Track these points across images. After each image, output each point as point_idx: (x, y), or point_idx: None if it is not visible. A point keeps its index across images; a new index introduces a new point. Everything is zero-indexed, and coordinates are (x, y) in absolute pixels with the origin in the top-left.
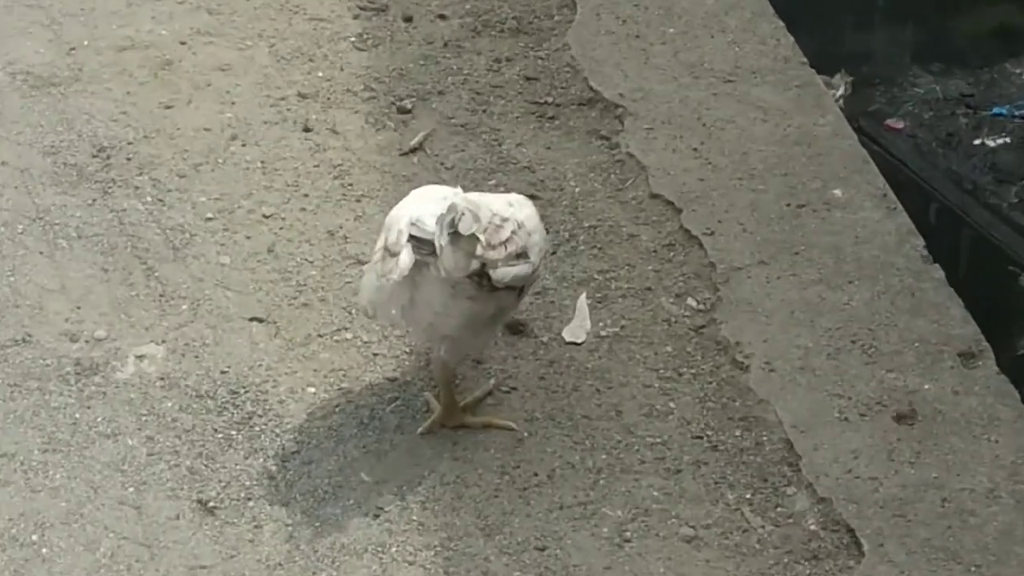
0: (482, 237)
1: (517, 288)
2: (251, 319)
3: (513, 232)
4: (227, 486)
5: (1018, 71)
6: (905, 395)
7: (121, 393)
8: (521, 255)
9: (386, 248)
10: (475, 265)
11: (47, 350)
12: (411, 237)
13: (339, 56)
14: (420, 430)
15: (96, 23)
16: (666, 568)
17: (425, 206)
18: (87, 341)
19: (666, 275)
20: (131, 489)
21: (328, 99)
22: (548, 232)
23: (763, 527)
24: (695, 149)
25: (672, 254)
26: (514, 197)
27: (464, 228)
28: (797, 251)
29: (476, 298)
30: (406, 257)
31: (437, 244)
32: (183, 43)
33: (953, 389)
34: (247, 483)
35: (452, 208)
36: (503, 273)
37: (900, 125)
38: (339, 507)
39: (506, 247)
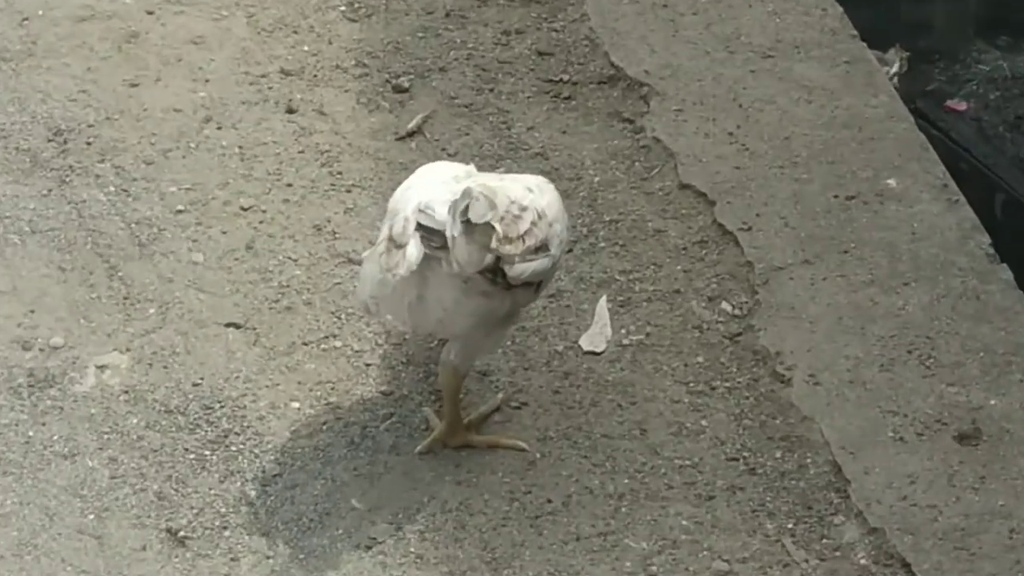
0: (498, 227)
1: (535, 284)
2: (227, 325)
3: (533, 223)
4: (200, 513)
5: None
6: (968, 412)
7: (80, 408)
8: (541, 248)
9: (391, 238)
10: (489, 259)
11: None
12: (419, 226)
13: (327, 28)
14: (418, 449)
15: None
16: None
17: (435, 189)
18: (41, 349)
19: (697, 276)
20: (91, 516)
21: (314, 76)
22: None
23: (807, 561)
24: (730, 133)
25: (704, 252)
26: (534, 180)
27: (477, 216)
28: (846, 249)
29: (490, 295)
30: (414, 250)
31: (448, 235)
32: (150, 13)
33: (1023, 405)
34: (222, 510)
35: (466, 194)
36: (521, 269)
37: (962, 106)
38: (327, 537)
39: (524, 240)
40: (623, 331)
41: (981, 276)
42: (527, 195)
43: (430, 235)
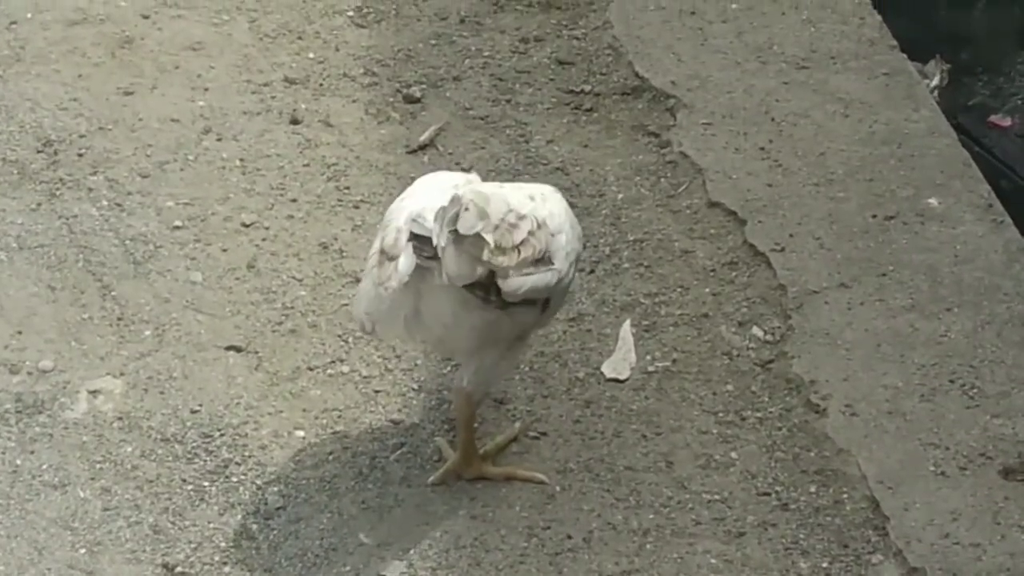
0: (489, 237)
1: (539, 301)
2: (227, 348)
3: (530, 233)
4: (198, 548)
5: None
6: (1014, 445)
7: (71, 435)
8: (542, 260)
9: (383, 251)
10: (482, 272)
11: None
12: (412, 236)
13: (334, 34)
14: (431, 481)
15: None
16: None
17: (430, 198)
18: (30, 373)
19: (726, 299)
20: (83, 551)
21: (320, 85)
22: (585, 241)
23: None
24: (762, 148)
25: (734, 274)
26: (538, 188)
27: (464, 227)
28: (884, 272)
29: (488, 311)
30: (406, 261)
31: (436, 243)
32: (146, 17)
33: None
34: (222, 544)
35: (455, 200)
36: (517, 283)
37: (1007, 122)
38: (333, 574)
39: (520, 252)
40: (648, 357)
41: None
42: (526, 203)
43: (423, 244)
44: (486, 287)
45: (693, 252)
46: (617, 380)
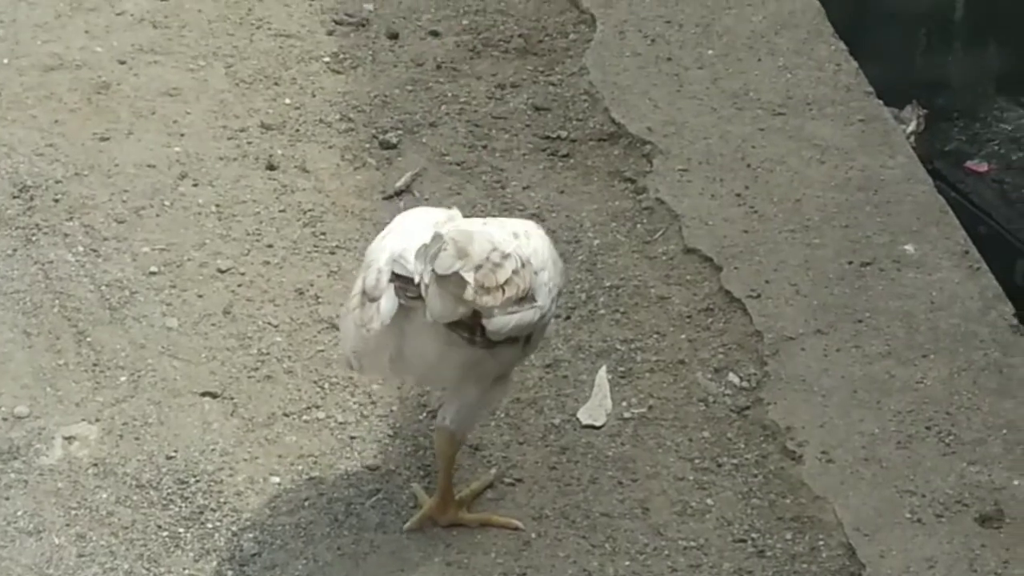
0: (469, 277)
1: (520, 338)
2: (203, 394)
3: (515, 272)
4: None
5: None
6: (990, 492)
7: (46, 482)
8: (525, 299)
9: (364, 292)
10: (464, 311)
11: None
12: (394, 276)
13: (310, 80)
14: (407, 526)
15: (18, 37)
16: None
17: (412, 237)
18: (5, 419)
19: (703, 346)
20: None
21: (297, 131)
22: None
23: None
24: (738, 195)
25: (710, 321)
26: (521, 225)
27: (443, 267)
28: (860, 318)
29: (473, 349)
30: (387, 303)
31: (419, 282)
32: (122, 62)
33: None
34: None
35: (436, 239)
36: (501, 323)
37: (983, 167)
38: None
39: (504, 291)
40: (624, 404)
41: (1004, 348)
42: (510, 241)
43: (405, 285)
44: (471, 327)
45: (669, 298)
46: (593, 426)
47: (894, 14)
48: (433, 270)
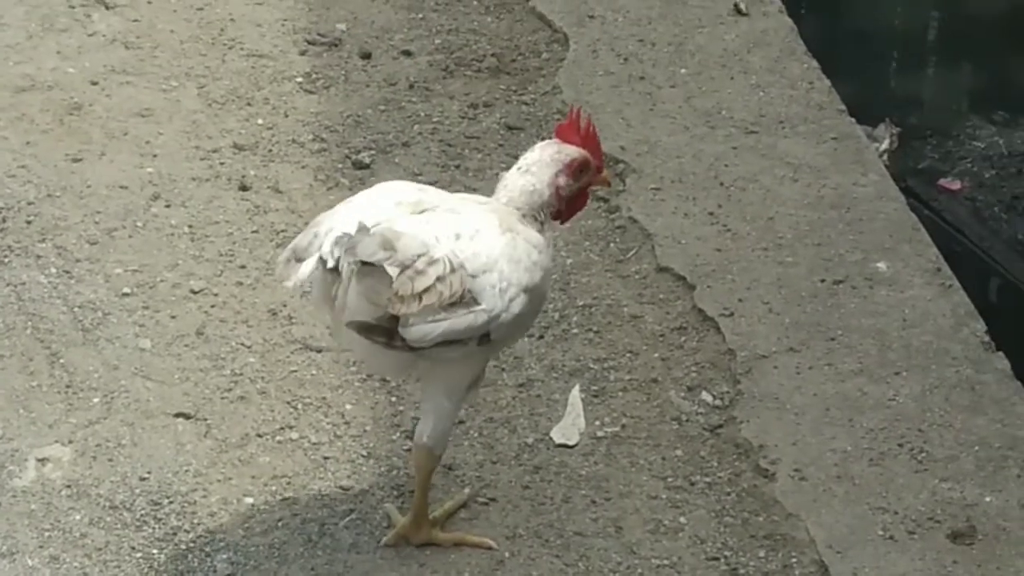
0: (392, 271)
1: (469, 340)
2: (176, 415)
3: (439, 279)
4: None
5: None
6: (962, 509)
7: (19, 504)
8: (461, 302)
9: (294, 248)
10: (380, 314)
11: None
12: (320, 260)
13: (283, 100)
14: (383, 542)
15: None
16: None
17: (369, 213)
18: None
19: (675, 364)
20: None
21: (269, 151)
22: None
23: None
24: (711, 213)
25: (683, 339)
26: (474, 223)
27: (364, 254)
28: (833, 336)
29: (399, 352)
30: (306, 270)
31: (328, 263)
32: (94, 83)
33: (1020, 502)
34: None
35: (361, 230)
36: (420, 331)
37: (956, 185)
38: None
39: (421, 299)
40: (597, 423)
41: (976, 365)
42: (447, 242)
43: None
44: (388, 331)
45: (642, 317)
46: (566, 445)
47: (868, 33)
48: (350, 261)
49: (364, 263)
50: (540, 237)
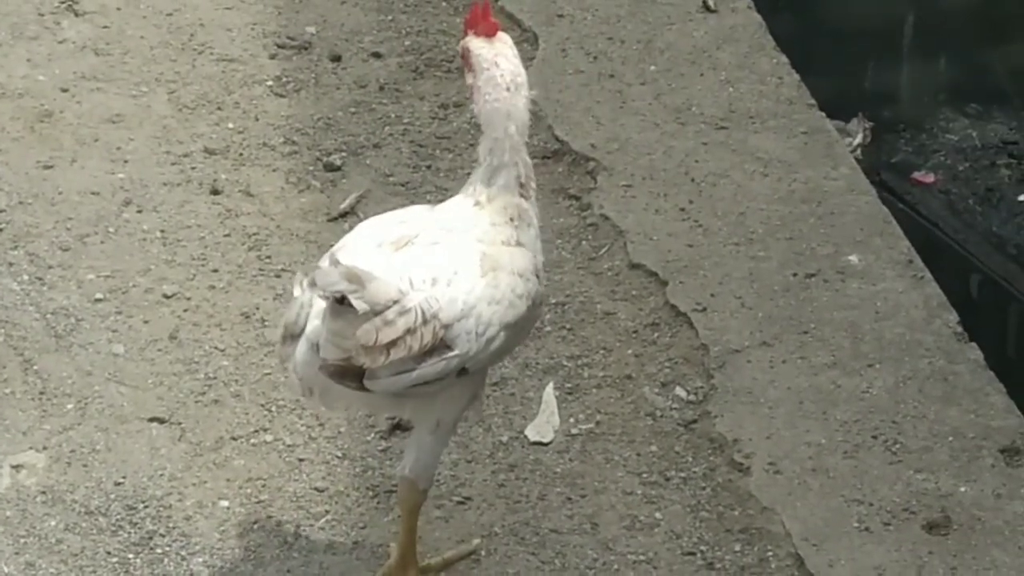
0: (359, 305)
1: (445, 377)
2: (151, 420)
3: (409, 331)
4: None
5: None
6: (937, 500)
7: None
8: (435, 350)
9: (285, 326)
10: (343, 356)
11: None
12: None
13: (253, 104)
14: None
15: None
16: None
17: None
18: None
19: (649, 360)
20: None
21: (240, 155)
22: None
23: None
24: (682, 209)
25: (656, 335)
26: (456, 263)
27: (313, 331)
28: (806, 330)
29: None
30: (302, 353)
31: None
32: (65, 90)
33: (995, 492)
34: None
35: (332, 265)
36: (385, 384)
37: (930, 178)
38: None
39: (388, 353)
40: (571, 420)
41: (949, 356)
42: (422, 288)
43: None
44: (358, 374)
45: (615, 314)
46: (541, 443)
47: (839, 28)
48: (327, 298)
49: (337, 301)
50: (528, 254)
